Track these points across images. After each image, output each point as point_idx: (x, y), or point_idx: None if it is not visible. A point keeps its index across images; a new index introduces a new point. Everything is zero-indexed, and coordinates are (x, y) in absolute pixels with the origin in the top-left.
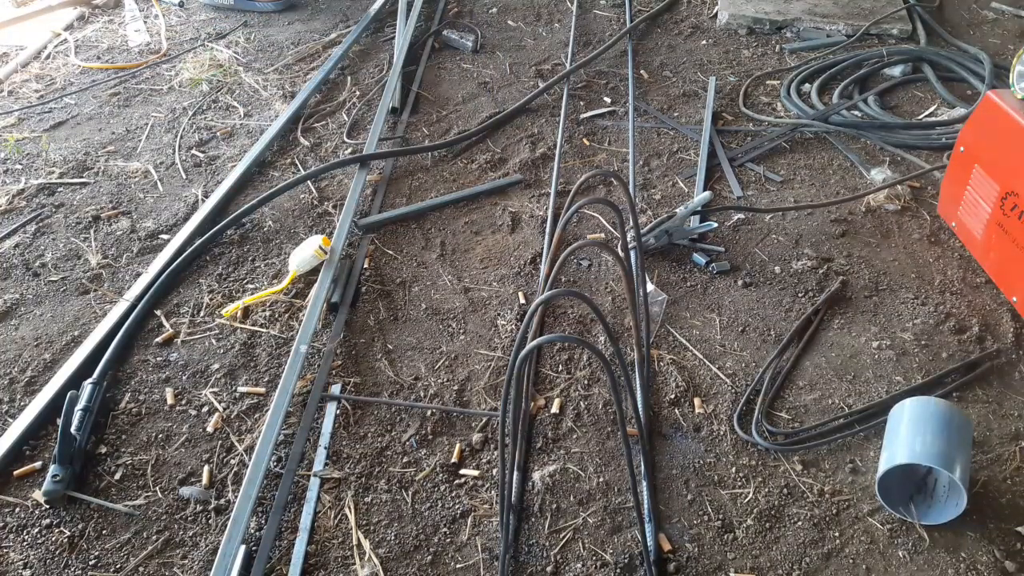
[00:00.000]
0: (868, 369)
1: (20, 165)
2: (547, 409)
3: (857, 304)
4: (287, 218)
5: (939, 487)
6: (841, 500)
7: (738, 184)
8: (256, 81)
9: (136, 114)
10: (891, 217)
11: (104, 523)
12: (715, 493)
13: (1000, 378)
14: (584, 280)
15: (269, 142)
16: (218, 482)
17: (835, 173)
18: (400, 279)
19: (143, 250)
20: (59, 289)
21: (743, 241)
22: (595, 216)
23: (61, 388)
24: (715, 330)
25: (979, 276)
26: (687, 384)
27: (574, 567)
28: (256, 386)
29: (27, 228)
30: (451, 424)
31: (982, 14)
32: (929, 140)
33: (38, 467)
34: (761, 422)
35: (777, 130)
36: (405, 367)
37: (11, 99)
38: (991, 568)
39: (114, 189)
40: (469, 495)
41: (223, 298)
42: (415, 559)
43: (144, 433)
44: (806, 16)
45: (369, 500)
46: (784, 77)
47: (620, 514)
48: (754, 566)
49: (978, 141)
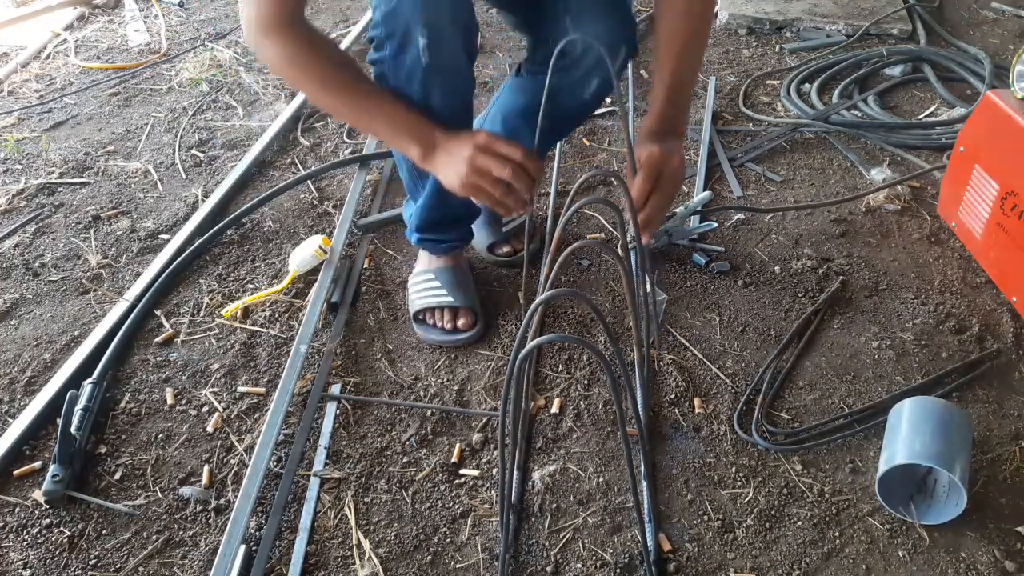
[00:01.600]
0: (868, 369)
1: (20, 165)
2: (547, 409)
3: (857, 304)
4: (287, 218)
5: (939, 487)
6: (841, 500)
7: (738, 184)
8: (256, 81)
9: (136, 114)
10: (891, 217)
11: (104, 523)
12: (715, 493)
13: (1000, 378)
14: (584, 280)
15: (269, 142)
16: (218, 482)
17: (835, 173)
18: (400, 279)
19: (143, 250)
20: (59, 289)
21: (743, 241)
22: (595, 216)
23: (61, 388)
24: (715, 330)
25: (979, 276)
26: (687, 384)
27: (574, 567)
28: (256, 386)
29: (27, 228)
30: (451, 424)
31: (982, 14)
32: (929, 140)
33: (38, 467)
34: (761, 422)
35: (777, 130)
36: (405, 367)
37: (11, 99)
38: (991, 568)
39: (114, 189)
40: (469, 495)
41: (223, 298)
42: (415, 559)
43: (144, 433)
44: (806, 16)
45: (369, 500)
46: (784, 77)
47: (620, 514)
48: (754, 566)
49: (978, 141)
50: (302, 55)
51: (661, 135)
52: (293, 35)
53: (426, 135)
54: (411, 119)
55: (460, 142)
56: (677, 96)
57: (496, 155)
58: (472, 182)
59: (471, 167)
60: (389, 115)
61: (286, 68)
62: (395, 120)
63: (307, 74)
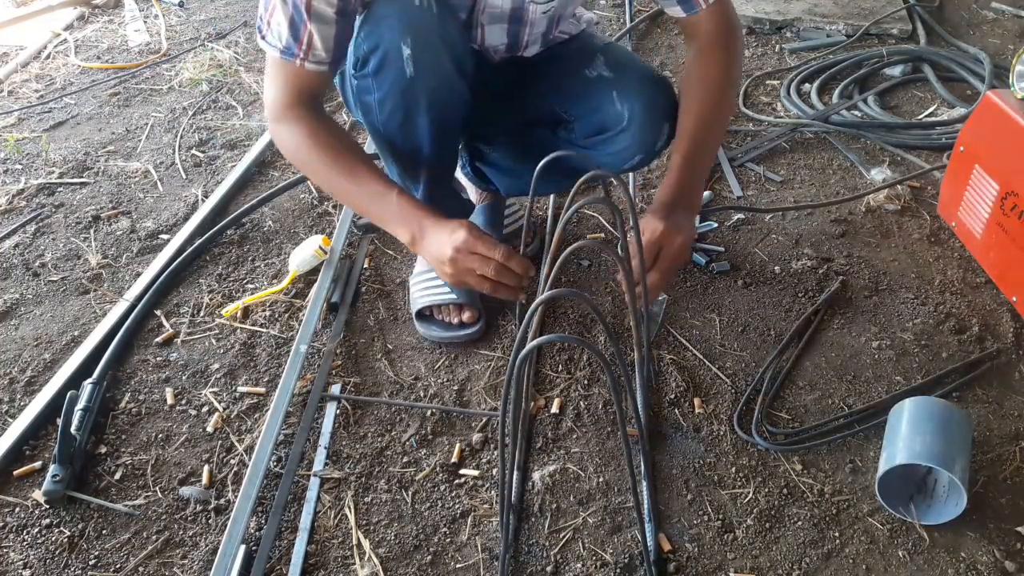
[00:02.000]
0: (868, 369)
1: (20, 165)
2: (547, 409)
3: (857, 304)
4: (287, 218)
5: (939, 487)
6: (841, 500)
7: (738, 184)
8: (256, 81)
9: (136, 114)
10: (891, 217)
11: (104, 523)
12: (715, 493)
13: (1000, 378)
14: (584, 280)
15: (269, 142)
16: (218, 482)
17: (835, 173)
18: (400, 279)
19: (143, 250)
20: (59, 289)
21: (743, 241)
22: (595, 216)
23: (61, 388)
24: (715, 330)
25: (979, 276)
26: (687, 384)
27: (574, 567)
28: (256, 386)
29: (27, 228)
30: (451, 424)
31: (982, 14)
32: (929, 140)
33: (38, 467)
34: (761, 422)
35: (777, 130)
36: (405, 367)
37: (11, 99)
38: (991, 568)
39: (114, 189)
40: (469, 495)
41: (223, 298)
42: (415, 559)
43: (144, 433)
44: (806, 16)
45: (369, 500)
46: (784, 77)
47: (620, 514)
48: (754, 566)
49: (978, 141)
50: (309, 140)
51: (671, 208)
52: (305, 119)
53: (414, 223)
54: (401, 206)
55: (444, 236)
56: (693, 167)
57: (477, 256)
58: (458, 280)
59: (455, 268)
60: (380, 202)
61: (295, 150)
62: (386, 205)
63: (312, 164)
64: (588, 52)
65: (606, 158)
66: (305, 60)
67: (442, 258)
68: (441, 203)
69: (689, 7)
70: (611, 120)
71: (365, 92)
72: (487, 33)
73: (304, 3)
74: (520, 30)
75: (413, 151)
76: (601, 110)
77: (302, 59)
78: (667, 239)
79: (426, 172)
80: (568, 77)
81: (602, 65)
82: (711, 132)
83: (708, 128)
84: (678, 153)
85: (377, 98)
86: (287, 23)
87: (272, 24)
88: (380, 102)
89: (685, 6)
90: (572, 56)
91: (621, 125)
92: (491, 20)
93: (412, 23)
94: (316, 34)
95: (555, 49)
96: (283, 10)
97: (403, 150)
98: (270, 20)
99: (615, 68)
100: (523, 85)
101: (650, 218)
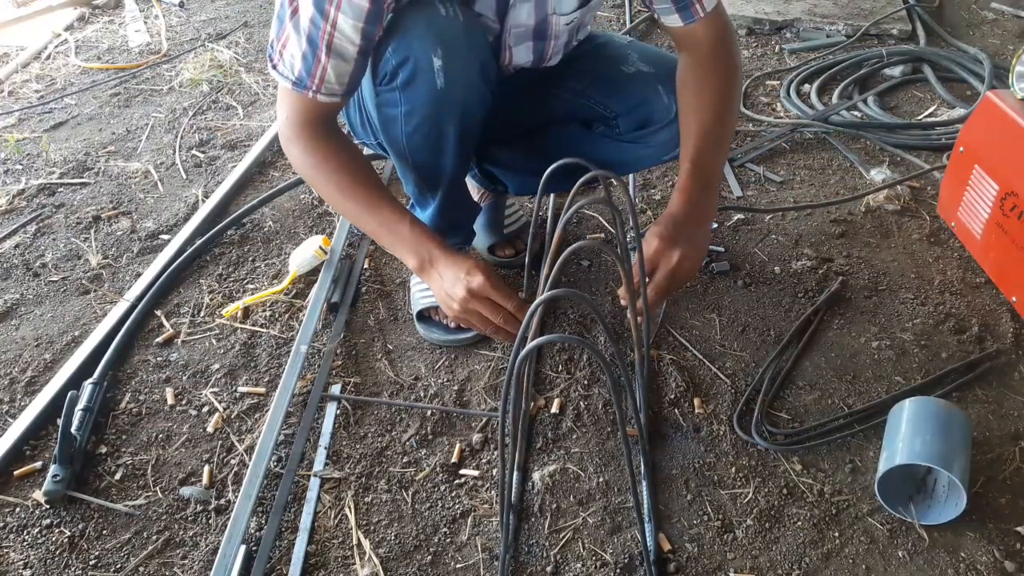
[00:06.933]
0: (868, 369)
1: (20, 165)
2: (547, 409)
3: (857, 304)
4: (287, 218)
5: (939, 487)
6: (841, 500)
7: (738, 184)
8: (256, 82)
9: (136, 114)
10: (891, 217)
11: (104, 523)
12: (715, 493)
13: (1000, 378)
14: (584, 280)
15: (269, 142)
16: (218, 482)
17: (835, 173)
18: (400, 279)
19: (143, 250)
20: (59, 289)
21: (743, 241)
22: (595, 216)
23: (61, 388)
24: (715, 330)
25: (979, 276)
26: (687, 384)
27: (574, 567)
28: (256, 386)
29: (27, 228)
30: (451, 424)
31: (982, 14)
32: (929, 140)
33: (38, 467)
34: (761, 422)
35: (777, 130)
36: (405, 367)
37: (11, 99)
38: (991, 568)
39: (114, 189)
40: (469, 495)
41: (223, 298)
42: (415, 559)
43: (144, 433)
44: (806, 16)
45: (369, 500)
46: (784, 77)
47: (620, 514)
48: (754, 566)
49: (978, 141)
50: (322, 163)
51: (676, 224)
52: (318, 141)
53: (424, 252)
54: (413, 233)
55: (460, 273)
56: (702, 180)
57: (489, 303)
58: (462, 319)
59: (463, 307)
60: (392, 227)
61: (308, 171)
62: (398, 232)
63: (325, 187)
64: (617, 49)
65: (647, 150)
66: (318, 93)
67: (453, 295)
68: (457, 208)
69: (687, 16)
70: (659, 113)
71: (389, 105)
72: (514, 54)
73: (326, 40)
74: (545, 45)
75: (436, 160)
76: (647, 104)
77: (314, 92)
78: (664, 257)
79: (446, 180)
80: (604, 75)
81: (638, 60)
82: (719, 145)
83: (715, 142)
84: (685, 158)
85: (404, 111)
86: (300, 56)
87: (285, 55)
88: (407, 115)
89: (684, 15)
90: (598, 55)
91: (669, 117)
92: (517, 41)
93: (442, 34)
94: (332, 71)
95: (573, 52)
96: (297, 41)
97: (424, 161)
98: (282, 51)
99: (651, 63)
100: (545, 87)
101: (650, 234)
